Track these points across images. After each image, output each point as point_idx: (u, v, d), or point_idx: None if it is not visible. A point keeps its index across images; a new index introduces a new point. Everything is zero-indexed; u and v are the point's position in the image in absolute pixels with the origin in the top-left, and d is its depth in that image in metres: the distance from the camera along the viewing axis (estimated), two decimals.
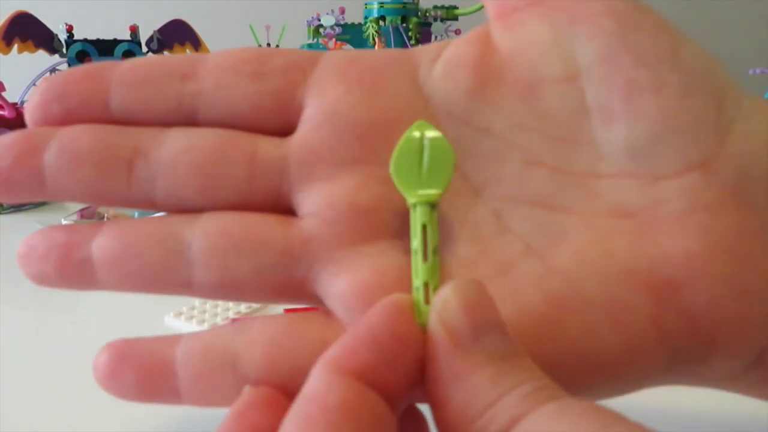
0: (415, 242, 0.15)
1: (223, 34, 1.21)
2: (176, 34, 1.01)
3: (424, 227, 0.15)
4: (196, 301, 0.38)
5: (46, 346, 0.35)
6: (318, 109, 0.18)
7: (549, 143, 0.17)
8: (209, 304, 0.38)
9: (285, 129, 0.18)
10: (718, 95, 0.16)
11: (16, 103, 0.70)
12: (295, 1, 1.41)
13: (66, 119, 0.18)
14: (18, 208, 0.67)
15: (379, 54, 0.18)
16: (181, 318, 0.36)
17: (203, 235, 0.17)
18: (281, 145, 0.18)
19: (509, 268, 0.16)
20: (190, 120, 0.18)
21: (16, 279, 0.45)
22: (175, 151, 0.17)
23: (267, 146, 0.18)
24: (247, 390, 0.16)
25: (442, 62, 0.18)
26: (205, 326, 0.35)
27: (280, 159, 0.18)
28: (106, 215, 0.53)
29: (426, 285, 0.14)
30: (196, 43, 1.03)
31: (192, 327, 0.36)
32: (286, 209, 0.18)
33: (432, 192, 0.15)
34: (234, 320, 0.36)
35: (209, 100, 0.18)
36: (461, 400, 0.12)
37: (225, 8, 1.50)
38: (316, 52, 0.19)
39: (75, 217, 0.53)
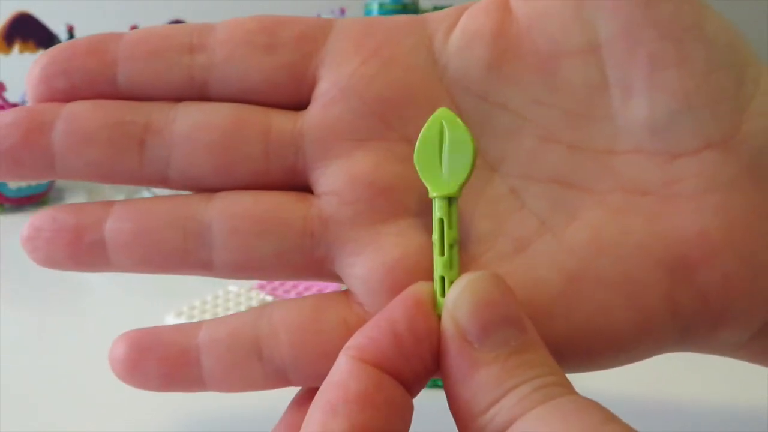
0: (435, 235, 0.15)
1: None
2: None
3: (441, 221, 0.15)
4: (197, 301, 0.38)
5: (47, 345, 0.35)
6: (333, 83, 0.17)
7: (566, 119, 0.17)
8: (209, 304, 0.39)
9: (298, 102, 0.18)
10: (739, 70, 0.16)
11: (17, 103, 0.70)
12: (295, 1, 1.41)
13: (71, 95, 0.17)
14: (19, 207, 0.67)
15: (392, 22, 0.18)
16: (181, 317, 0.36)
17: (222, 216, 0.17)
18: (295, 120, 0.17)
19: (525, 245, 0.16)
20: (200, 94, 0.18)
21: (16, 279, 0.45)
22: (188, 128, 0.17)
23: (281, 122, 0.17)
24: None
25: (459, 33, 0.17)
26: None
27: (295, 135, 0.17)
28: None
29: (442, 279, 0.15)
30: None
31: None
32: (301, 185, 0.18)
33: (451, 185, 0.15)
34: None
35: (221, 74, 0.17)
36: (469, 395, 0.13)
37: (225, 8, 1.50)
38: (328, 19, 0.18)
39: None
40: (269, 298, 0.40)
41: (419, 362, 0.14)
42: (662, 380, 0.30)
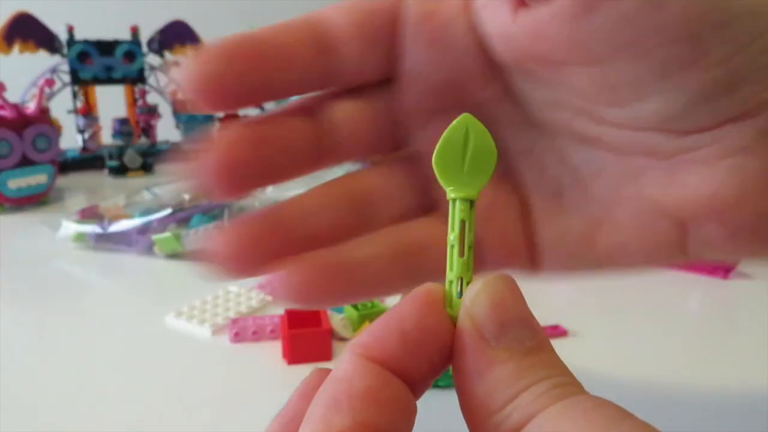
0: (452, 236, 0.15)
1: (223, 34, 1.21)
2: (177, 35, 1.01)
3: (462, 223, 0.15)
4: (197, 301, 0.39)
5: (47, 345, 0.36)
6: (404, 69, 0.19)
7: (591, 103, 0.18)
8: (209, 304, 0.39)
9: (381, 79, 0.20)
10: (761, 42, 0.15)
11: (17, 104, 0.70)
12: (296, 1, 1.41)
13: (226, 98, 0.18)
14: (19, 207, 0.67)
15: (451, 6, 0.19)
16: (181, 318, 0.37)
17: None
18: (389, 100, 0.20)
19: (559, 193, 0.19)
20: (323, 85, 0.20)
21: (16, 279, 0.45)
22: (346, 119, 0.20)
23: (381, 105, 0.20)
24: (314, 372, 0.16)
25: (499, 36, 0.18)
26: (206, 326, 0.35)
27: (393, 111, 0.20)
28: (105, 215, 0.53)
29: (460, 279, 0.15)
30: (196, 44, 1.03)
31: (192, 327, 0.36)
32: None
33: (472, 188, 0.16)
34: (234, 321, 0.36)
35: (343, 71, 0.19)
36: (483, 393, 0.13)
37: (225, 8, 1.50)
38: (399, 3, 0.20)
39: (76, 216, 0.53)
40: (269, 298, 0.40)
41: (426, 361, 0.14)
42: (668, 382, 0.30)
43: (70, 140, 0.94)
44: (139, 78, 0.98)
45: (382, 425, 0.12)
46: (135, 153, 0.86)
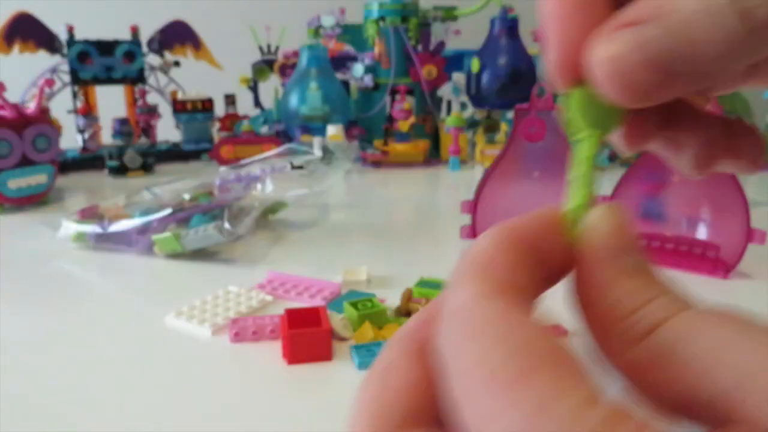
0: (579, 170, 0.17)
1: (223, 34, 1.21)
2: (177, 35, 1.01)
3: (589, 158, 0.17)
4: (197, 301, 0.38)
5: (47, 345, 0.36)
6: None
7: None
8: (209, 304, 0.39)
9: None
10: None
11: (16, 104, 0.70)
12: (296, 1, 1.41)
13: None
14: (19, 207, 0.67)
15: None
16: (181, 317, 0.37)
17: None
18: None
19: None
20: None
21: (16, 279, 0.45)
22: None
23: None
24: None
25: None
26: (206, 326, 0.35)
27: None
28: (105, 215, 0.53)
29: (581, 207, 0.17)
30: (196, 44, 1.03)
31: (192, 327, 0.36)
32: None
33: (601, 131, 0.17)
34: (234, 321, 0.36)
35: None
36: (610, 302, 0.15)
37: (225, 9, 1.50)
38: None
39: (76, 216, 0.53)
40: (269, 298, 0.40)
41: (546, 268, 0.15)
42: None
43: (70, 140, 0.94)
44: (139, 78, 0.98)
45: (530, 292, 0.14)
46: (135, 153, 0.86)
